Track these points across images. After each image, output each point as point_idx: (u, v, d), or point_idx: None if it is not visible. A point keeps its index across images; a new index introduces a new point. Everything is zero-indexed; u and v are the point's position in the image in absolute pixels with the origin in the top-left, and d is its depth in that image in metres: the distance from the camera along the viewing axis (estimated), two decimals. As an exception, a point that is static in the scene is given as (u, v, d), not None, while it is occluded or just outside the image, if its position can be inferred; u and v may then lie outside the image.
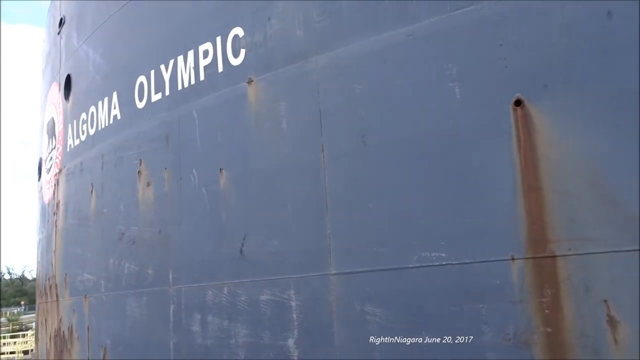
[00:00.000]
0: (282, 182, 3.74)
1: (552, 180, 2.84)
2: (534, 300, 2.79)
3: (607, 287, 2.65)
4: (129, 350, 4.74)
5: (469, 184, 3.05)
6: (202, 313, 4.06)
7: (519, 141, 2.94)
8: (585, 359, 2.64)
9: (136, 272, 4.69)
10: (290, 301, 3.57)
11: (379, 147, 3.36)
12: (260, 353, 3.67)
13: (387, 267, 3.23)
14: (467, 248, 3.00)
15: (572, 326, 2.70)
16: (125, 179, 4.97)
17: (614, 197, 2.69)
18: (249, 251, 3.84)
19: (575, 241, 2.74)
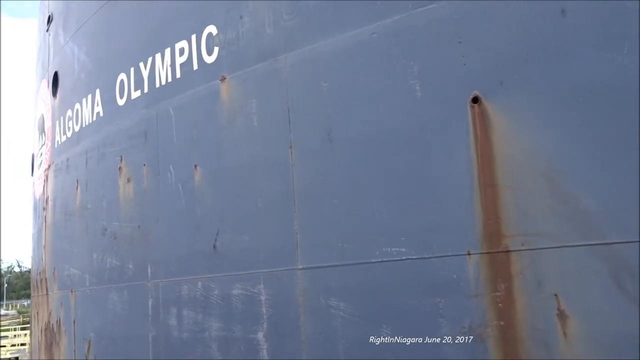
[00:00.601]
0: (253, 179, 3.80)
1: (506, 177, 2.88)
2: (489, 295, 2.85)
3: (557, 281, 2.70)
4: (111, 344, 4.84)
5: (428, 180, 3.10)
6: (178, 307, 4.14)
7: (475, 138, 2.99)
8: (536, 353, 2.70)
9: (118, 266, 4.78)
10: (260, 295, 3.64)
11: (344, 144, 3.41)
12: (232, 346, 3.75)
13: (350, 262, 3.29)
14: (426, 243, 3.05)
15: (524, 320, 2.75)
16: (107, 175, 5.05)
17: (566, 192, 2.73)
18: (221, 246, 3.91)
19: (528, 236, 2.79)
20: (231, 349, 3.75)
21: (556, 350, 2.67)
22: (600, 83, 2.72)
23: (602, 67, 2.72)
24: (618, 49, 2.68)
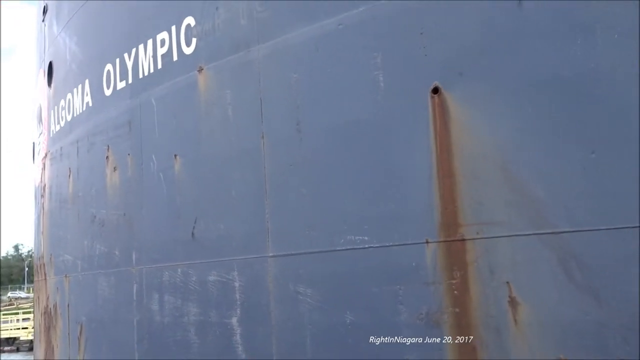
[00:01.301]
0: (228, 168, 3.89)
1: (464, 167, 2.93)
2: (445, 282, 2.92)
3: (509, 269, 2.76)
4: (100, 327, 5.01)
5: (390, 170, 3.16)
6: (160, 292, 4.26)
7: (435, 128, 3.04)
8: (488, 338, 2.77)
9: (105, 253, 4.92)
10: (234, 282, 3.75)
11: (311, 134, 3.48)
12: (208, 331, 3.87)
13: (317, 250, 3.37)
14: (388, 232, 3.12)
15: (478, 307, 2.83)
16: (96, 164, 5.17)
17: (519, 182, 2.78)
18: (199, 234, 4.01)
19: (483, 225, 2.85)
20: (208, 333, 3.88)
21: (507, 336, 2.74)
22: (553, 75, 2.75)
23: (555, 58, 2.75)
24: (571, 40, 2.70)
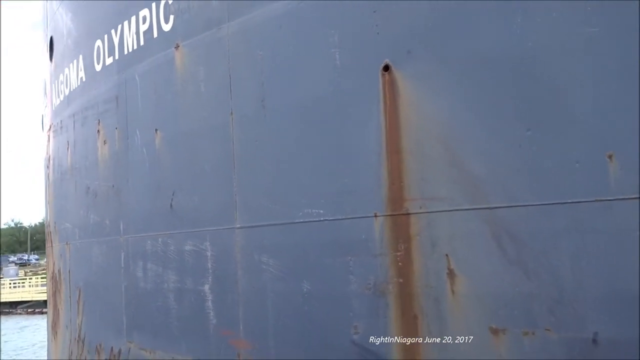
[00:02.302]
0: (202, 143, 4.04)
1: (410, 143, 3.02)
2: (391, 254, 3.05)
3: (448, 242, 2.87)
4: (95, 292, 5.30)
5: (344, 146, 3.27)
6: (144, 260, 4.50)
7: (385, 105, 3.12)
8: (428, 307, 2.90)
9: (98, 222, 5.17)
10: (207, 251, 3.94)
11: (274, 111, 3.59)
12: (184, 297, 4.09)
13: (278, 222, 3.53)
14: (340, 205, 3.25)
15: (419, 278, 2.95)
16: (89, 137, 5.38)
17: (459, 159, 2.86)
18: (177, 206, 4.20)
19: (426, 200, 2.95)
20: (184, 299, 4.10)
21: (445, 306, 2.86)
22: (493, 53, 2.79)
23: (495, 37, 2.79)
24: (512, 19, 2.74)
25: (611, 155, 2.48)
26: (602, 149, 2.50)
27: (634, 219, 2.42)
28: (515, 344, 2.66)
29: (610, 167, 2.48)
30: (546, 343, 2.59)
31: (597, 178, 2.51)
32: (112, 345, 4.88)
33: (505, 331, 2.69)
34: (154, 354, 4.35)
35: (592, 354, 2.48)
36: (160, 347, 4.29)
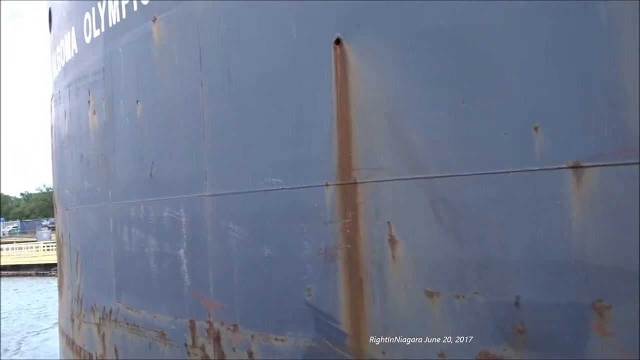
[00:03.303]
0: (176, 114, 4.20)
1: (358, 115, 3.13)
2: (340, 221, 3.19)
3: (390, 210, 3.01)
4: (89, 255, 5.59)
5: (301, 117, 3.39)
6: (129, 226, 4.73)
7: (336, 78, 3.22)
8: (372, 272, 3.06)
9: (91, 189, 5.41)
10: (181, 218, 4.14)
11: (239, 83, 3.72)
12: (163, 261, 4.32)
13: (242, 190, 3.69)
14: (297, 174, 3.39)
15: (365, 244, 3.10)
16: (81, 107, 5.59)
17: (400, 130, 2.97)
18: (156, 174, 4.40)
19: (371, 170, 3.08)
20: (162, 263, 4.33)
21: (386, 271, 3.02)
22: (434, 27, 2.86)
23: (437, 11, 2.85)
24: (451, -8, 2.79)
25: (537, 127, 2.56)
26: (529, 121, 2.58)
27: (556, 188, 2.51)
28: (447, 306, 2.81)
29: (535, 138, 2.57)
30: (474, 305, 2.73)
31: (524, 149, 2.60)
32: (104, 304, 5.18)
33: (439, 294, 2.84)
34: (139, 313, 4.63)
35: (514, 315, 2.62)
36: (144, 307, 4.56)
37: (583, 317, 2.46)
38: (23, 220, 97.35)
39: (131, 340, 4.73)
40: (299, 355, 3.38)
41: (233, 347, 3.75)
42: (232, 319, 3.76)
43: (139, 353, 4.63)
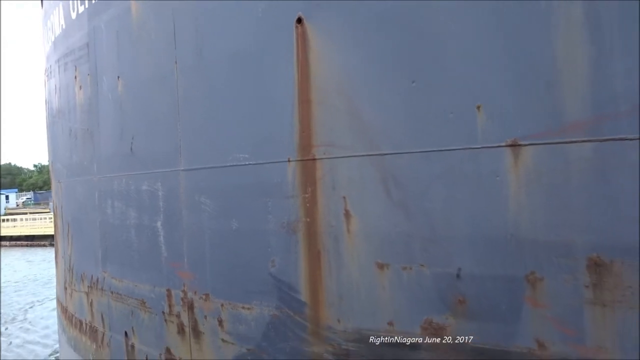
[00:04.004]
0: (154, 90, 4.31)
1: (318, 94, 3.23)
2: (301, 196, 3.32)
3: (346, 186, 3.12)
4: (79, 227, 5.77)
5: (266, 95, 3.49)
6: (112, 199, 4.89)
7: (297, 57, 3.31)
8: (329, 244, 3.19)
9: (79, 163, 5.57)
10: (159, 191, 4.29)
11: (209, 60, 3.81)
12: (142, 232, 4.49)
13: (212, 166, 3.82)
14: (262, 151, 3.51)
15: (323, 217, 3.23)
16: (69, 82, 5.71)
17: (356, 108, 3.06)
18: (136, 149, 4.54)
19: (329, 146, 3.18)
20: (142, 234, 4.50)
21: (342, 243, 3.15)
22: (387, 7, 2.93)
23: (389, -9, 2.92)
24: (403, -27, 2.85)
25: (479, 107, 2.65)
26: (472, 100, 2.67)
27: (496, 165, 2.61)
28: (396, 278, 2.95)
29: (478, 117, 2.66)
30: (420, 277, 2.86)
31: (467, 128, 2.69)
32: (92, 274, 5.38)
33: (388, 266, 2.97)
34: (121, 282, 4.82)
35: (455, 286, 2.74)
36: (126, 276, 4.75)
37: (518, 289, 2.59)
38: (36, 191, 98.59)
39: (115, 308, 4.94)
40: (264, 323, 3.54)
41: (205, 315, 3.92)
42: (204, 289, 3.93)
43: (122, 320, 4.84)
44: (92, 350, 5.47)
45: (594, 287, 2.40)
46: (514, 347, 2.61)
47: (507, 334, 2.62)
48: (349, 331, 3.14)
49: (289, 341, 3.41)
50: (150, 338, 4.48)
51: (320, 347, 3.27)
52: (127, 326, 4.77)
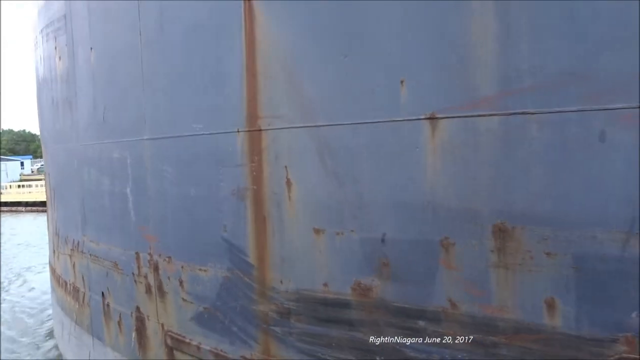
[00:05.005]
0: (122, 62, 4.47)
1: (263, 67, 3.38)
2: (249, 165, 3.50)
3: (287, 155, 3.30)
4: (62, 193, 6.03)
5: (219, 68, 3.64)
6: (88, 166, 5.11)
7: (245, 32, 3.45)
8: (272, 210, 3.39)
9: (61, 131, 5.78)
10: (127, 159, 4.50)
11: (169, 34, 3.96)
12: (114, 198, 4.71)
13: (172, 135, 4.00)
14: (215, 122, 3.68)
15: (267, 185, 3.41)
16: (51, 53, 5.88)
17: (297, 81, 3.21)
18: (107, 119, 4.73)
19: (272, 118, 3.35)
20: (114, 200, 4.73)
21: (284, 210, 3.34)
22: (322, -17, 3.05)
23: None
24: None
25: (403, 81, 2.79)
26: (396, 75, 2.81)
27: (416, 137, 2.77)
28: (330, 242, 3.14)
29: (401, 91, 2.80)
30: (350, 241, 3.05)
31: (392, 101, 2.84)
32: (74, 237, 5.65)
33: (324, 231, 3.16)
34: (98, 245, 5.08)
35: (380, 250, 2.93)
36: (102, 240, 5.00)
37: (433, 252, 2.77)
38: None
39: (93, 270, 5.21)
40: (218, 284, 3.77)
41: (168, 276, 4.17)
42: (167, 252, 4.16)
43: (99, 281, 5.12)
44: (75, 309, 5.78)
45: (498, 251, 2.58)
46: (430, 306, 2.81)
47: (424, 294, 2.82)
48: (290, 291, 3.35)
49: (239, 300, 3.65)
50: (123, 297, 4.75)
51: (266, 305, 3.50)
52: (103, 287, 5.05)
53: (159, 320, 4.33)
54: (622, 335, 2.32)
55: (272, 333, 3.48)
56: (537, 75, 2.42)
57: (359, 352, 3.08)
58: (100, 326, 5.19)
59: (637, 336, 2.29)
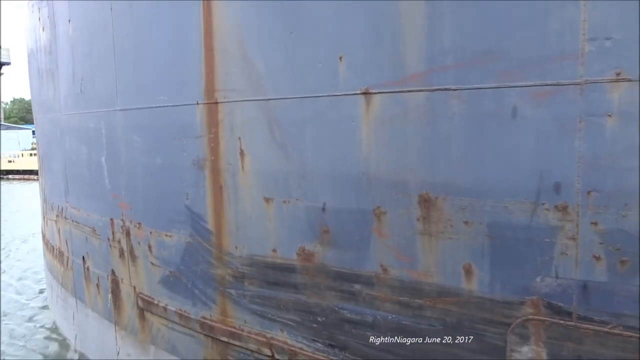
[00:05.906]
0: (96, 36, 4.62)
1: (219, 43, 3.51)
2: (207, 136, 3.67)
3: (241, 127, 3.46)
4: (48, 161, 6.24)
5: (179, 43, 3.78)
6: (69, 136, 5.31)
7: (204, 9, 3.57)
8: (228, 180, 3.56)
9: (45, 101, 5.97)
10: (102, 129, 4.68)
11: (137, 9, 4.09)
12: (91, 166, 4.91)
13: (141, 106, 4.17)
14: (178, 94, 3.84)
15: (223, 156, 3.58)
16: (36, 24, 6.03)
17: (249, 57, 3.35)
18: (85, 90, 4.89)
19: (228, 91, 3.50)
20: (91, 168, 4.92)
21: (238, 179, 3.52)
22: (270, -39, 3.16)
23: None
24: None
25: (341, 57, 2.93)
26: (336, 51, 2.94)
27: (352, 111, 2.92)
28: (278, 210, 3.32)
29: (340, 67, 2.94)
30: (296, 209, 3.23)
31: (332, 76, 2.97)
32: (58, 204, 5.88)
33: (273, 200, 3.34)
34: (79, 212, 5.30)
35: (321, 218, 3.11)
36: (82, 206, 5.22)
37: (367, 221, 2.94)
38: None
39: (75, 235, 5.45)
40: (181, 248, 3.98)
41: (139, 241, 4.38)
42: (137, 218, 4.37)
43: (80, 246, 5.36)
44: (60, 272, 6.05)
45: (424, 220, 2.75)
46: (364, 271, 2.99)
47: (359, 259, 3.00)
48: (244, 256, 3.55)
49: (200, 265, 3.86)
50: (100, 261, 4.99)
51: (223, 270, 3.70)
52: (84, 251, 5.29)
53: (131, 282, 4.57)
54: (529, 299, 2.50)
55: (229, 295, 3.70)
56: (459, 53, 2.55)
57: (303, 313, 3.29)
58: (81, 288, 5.46)
59: (541, 299, 2.46)
